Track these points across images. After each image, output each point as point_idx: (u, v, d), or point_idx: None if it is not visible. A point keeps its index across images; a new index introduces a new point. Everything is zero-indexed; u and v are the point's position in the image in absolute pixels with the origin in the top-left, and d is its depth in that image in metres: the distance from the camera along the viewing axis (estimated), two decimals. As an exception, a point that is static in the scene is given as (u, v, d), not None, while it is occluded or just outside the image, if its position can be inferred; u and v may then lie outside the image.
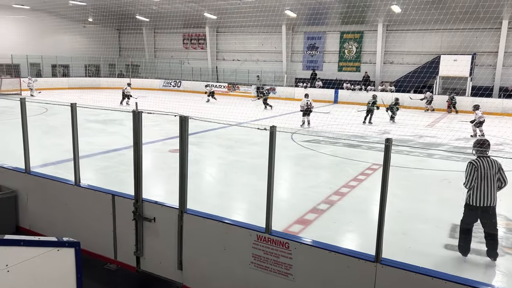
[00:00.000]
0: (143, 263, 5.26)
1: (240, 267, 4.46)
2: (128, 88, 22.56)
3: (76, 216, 5.77)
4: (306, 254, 4.11)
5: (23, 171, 6.23)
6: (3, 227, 6.25)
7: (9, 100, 17.92)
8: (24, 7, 30.05)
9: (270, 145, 4.19)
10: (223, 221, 4.58)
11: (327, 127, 16.46)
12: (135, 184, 5.05)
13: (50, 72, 33.62)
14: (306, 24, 30.53)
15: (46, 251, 2.72)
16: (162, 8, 29.58)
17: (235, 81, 32.97)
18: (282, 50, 32.09)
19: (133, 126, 4.90)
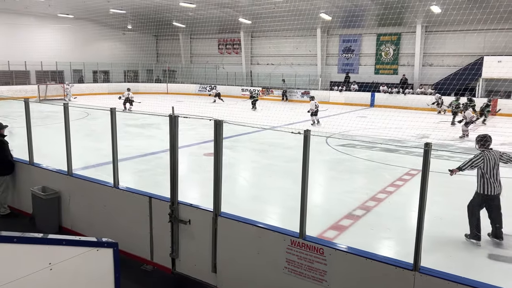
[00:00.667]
0: (178, 265, 5.33)
1: (274, 271, 4.44)
2: (130, 93, 22.85)
3: (114, 217, 5.95)
4: (341, 260, 4.03)
5: (66, 173, 6.49)
6: (47, 226, 6.54)
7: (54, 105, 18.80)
8: (68, 16, 31.50)
9: (304, 149, 4.16)
10: (257, 225, 4.58)
11: (363, 131, 16.16)
12: (171, 187, 5.15)
13: (91, 78, 35.00)
14: (342, 26, 30.16)
15: (86, 250, 2.81)
16: (198, 14, 30.14)
17: (269, 85, 33.02)
18: (317, 54, 31.85)
19: (169, 130, 5.00)
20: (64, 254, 2.66)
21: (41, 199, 6.52)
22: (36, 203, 6.70)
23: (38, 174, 7.03)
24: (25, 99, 7.17)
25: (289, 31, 30.54)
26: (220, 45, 37.62)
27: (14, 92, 26.46)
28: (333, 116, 20.95)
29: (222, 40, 37.21)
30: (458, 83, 23.36)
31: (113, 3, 26.95)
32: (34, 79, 30.88)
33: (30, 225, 6.82)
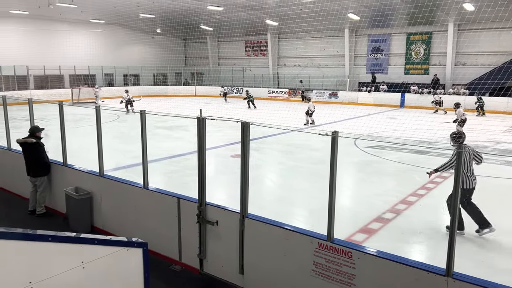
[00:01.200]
0: (206, 266, 5.37)
1: (301, 274, 4.40)
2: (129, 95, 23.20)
3: (144, 218, 6.06)
4: (370, 264, 3.95)
5: (98, 174, 6.67)
6: (80, 226, 6.74)
7: (86, 108, 19.36)
8: (100, 21, 32.45)
9: (332, 151, 4.11)
10: (284, 227, 4.55)
11: (393, 133, 15.83)
12: (199, 188, 5.20)
13: (122, 81, 35.90)
14: (370, 26, 29.70)
15: (117, 250, 2.88)
16: (225, 17, 30.40)
17: (296, 87, 32.90)
18: (345, 54, 31.49)
19: (197, 132, 5.05)
20: (96, 253, 2.73)
21: (74, 199, 6.73)
22: (69, 203, 6.91)
23: (72, 175, 7.25)
24: (60, 103, 7.42)
25: (317, 32, 30.31)
26: (247, 47, 37.80)
27: (49, 96, 27.49)
28: (362, 117, 20.63)
29: (249, 42, 37.38)
30: (493, 82, 22.53)
31: (142, 8, 27.56)
32: (68, 83, 31.97)
33: (64, 224, 7.05)
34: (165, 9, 28.14)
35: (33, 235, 2.42)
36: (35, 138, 7.46)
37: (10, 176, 8.68)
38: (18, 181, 8.19)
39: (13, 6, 26.27)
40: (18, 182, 8.20)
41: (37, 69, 29.47)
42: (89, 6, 26.85)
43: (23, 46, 28.51)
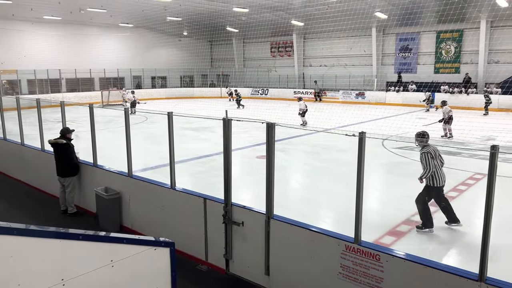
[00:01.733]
0: (232, 266, 5.39)
1: (328, 276, 4.35)
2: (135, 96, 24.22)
3: (171, 218, 6.14)
4: (399, 267, 3.86)
5: (126, 175, 6.81)
6: (109, 225, 6.90)
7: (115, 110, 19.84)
8: (128, 25, 33.20)
9: (359, 152, 4.05)
10: (310, 228, 4.52)
11: (422, 133, 15.40)
12: (224, 189, 5.23)
13: (150, 84, 36.60)
14: (398, 25, 29.10)
15: (144, 249, 2.92)
16: (251, 18, 30.49)
17: (322, 87, 32.62)
18: (372, 53, 31.00)
19: (223, 133, 5.08)
20: (124, 252, 2.78)
21: (104, 199, 6.90)
22: (99, 202, 7.09)
23: (101, 175, 7.44)
24: (90, 105, 7.63)
25: (343, 31, 29.98)
26: (273, 48, 37.78)
27: (80, 98, 28.32)
28: (389, 118, 20.25)
29: (274, 43, 37.35)
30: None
31: (169, 11, 28.00)
32: (97, 85, 32.86)
33: (94, 223, 7.24)
34: (191, 11, 28.50)
35: (65, 233, 2.49)
36: (65, 139, 7.70)
37: (44, 177, 8.99)
38: (51, 181, 8.47)
39: (47, 12, 27.25)
40: (51, 182, 8.48)
41: (69, 73, 30.44)
42: (118, 10, 27.52)
43: (55, 51, 29.52)
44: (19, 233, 2.24)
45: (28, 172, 9.75)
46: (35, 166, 9.42)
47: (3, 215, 7.79)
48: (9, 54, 27.99)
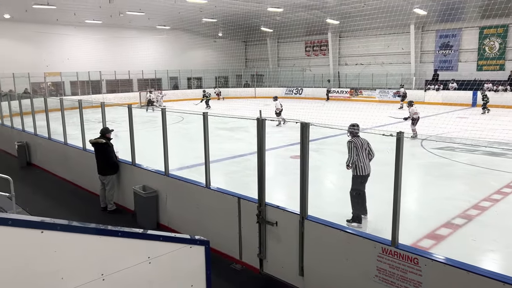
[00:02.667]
0: (266, 266, 5.40)
1: (364, 279, 4.27)
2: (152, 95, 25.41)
3: (206, 216, 6.23)
4: (438, 272, 3.73)
5: (163, 174, 6.96)
6: (147, 222, 7.08)
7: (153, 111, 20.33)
8: (165, 27, 33.96)
9: (396, 152, 3.94)
10: (346, 230, 4.45)
11: (464, 133, 14.84)
12: (258, 188, 5.24)
13: (185, 84, 37.27)
14: (438, 21, 28.11)
15: (180, 247, 2.97)
16: (285, 18, 30.40)
17: (358, 86, 32.04)
18: (410, 51, 30.11)
19: (257, 133, 5.09)
20: (161, 249, 2.84)
21: (142, 197, 7.09)
22: (137, 200, 7.29)
23: (139, 174, 7.65)
24: (129, 105, 7.85)
25: (380, 29, 29.29)
26: (307, 47, 37.49)
27: (119, 99, 29.26)
28: (429, 117, 19.60)
29: (309, 42, 37.06)
30: None
31: (205, 13, 28.40)
32: (136, 86, 33.82)
33: (132, 220, 7.45)
34: (226, 12, 28.77)
35: (104, 230, 2.57)
36: (105, 138, 7.97)
37: (85, 175, 9.34)
38: (92, 180, 8.80)
39: (89, 16, 28.35)
40: (92, 181, 8.81)
41: (109, 74, 31.52)
42: (155, 13, 28.22)
43: (96, 53, 30.66)
44: (62, 228, 2.34)
45: (71, 171, 10.17)
46: (77, 165, 9.81)
47: (49, 211, 8.17)
48: (54, 57, 29.35)
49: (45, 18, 27.29)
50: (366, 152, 6.78)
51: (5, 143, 14.49)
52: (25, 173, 11.63)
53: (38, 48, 29.03)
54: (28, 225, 2.21)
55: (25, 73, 26.71)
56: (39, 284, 2.27)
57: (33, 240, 2.22)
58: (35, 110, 11.97)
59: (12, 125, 13.90)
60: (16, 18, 26.92)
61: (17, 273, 2.18)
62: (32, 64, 27.84)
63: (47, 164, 11.53)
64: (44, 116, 10.97)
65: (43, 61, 28.80)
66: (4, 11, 25.35)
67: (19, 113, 13.15)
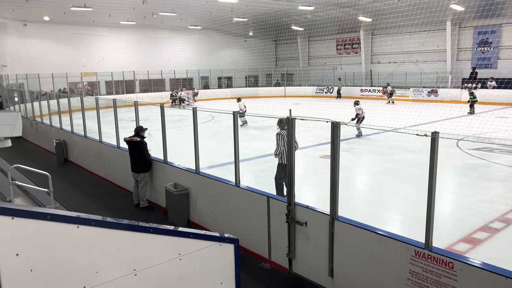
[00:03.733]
0: (295, 266, 5.37)
1: (396, 282, 4.17)
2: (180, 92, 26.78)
3: (235, 215, 6.26)
4: (475, 277, 3.59)
5: (194, 172, 7.06)
6: (177, 219, 7.20)
7: (184, 110, 20.64)
8: (196, 27, 34.39)
9: (431, 153, 3.82)
10: (377, 232, 4.35)
11: (503, 134, 14.23)
12: (287, 188, 5.22)
13: (216, 84, 37.62)
14: (477, 17, 27.03)
15: (210, 244, 3.00)
16: (316, 16, 30.11)
17: (391, 84, 31.33)
18: (446, 49, 29.13)
19: (287, 132, 5.07)
20: (191, 246, 2.87)
21: (173, 194, 7.21)
22: (168, 198, 7.43)
23: (171, 172, 7.78)
24: (161, 104, 8.00)
25: (414, 26, 28.50)
26: (339, 45, 37.00)
27: (152, 98, 29.89)
28: (465, 117, 18.94)
29: (340, 40, 36.56)
30: None
31: (236, 12, 28.54)
32: (168, 86, 34.44)
33: (163, 217, 7.60)
34: (257, 12, 28.81)
35: (137, 226, 2.63)
36: (139, 137, 8.16)
37: (119, 172, 9.61)
38: (125, 177, 9.03)
39: (123, 17, 29.12)
40: (125, 178, 9.04)
41: (142, 74, 32.26)
42: (187, 13, 28.62)
43: (130, 54, 31.45)
44: (97, 224, 2.41)
45: (105, 168, 10.48)
46: (111, 162, 10.10)
47: (85, 207, 8.46)
48: (90, 57, 30.34)
49: (82, 20, 28.26)
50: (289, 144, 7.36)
51: (44, 140, 15.12)
52: (62, 169, 12.09)
53: (75, 49, 30.08)
54: (65, 220, 2.29)
55: (63, 73, 27.75)
56: (75, 276, 2.35)
57: (70, 234, 2.30)
58: (72, 109, 12.41)
59: (50, 123, 14.47)
60: (55, 20, 28.01)
61: (55, 265, 2.27)
62: (69, 65, 28.90)
63: (83, 161, 11.93)
64: (80, 115, 11.35)
65: (79, 61, 29.83)
66: (44, 13, 26.42)
67: (57, 112, 13.67)
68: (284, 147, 7.28)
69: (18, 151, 14.21)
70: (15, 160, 11.00)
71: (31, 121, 16.69)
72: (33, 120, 16.69)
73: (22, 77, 24.97)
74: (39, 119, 15.90)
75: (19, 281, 2.14)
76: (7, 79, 23.59)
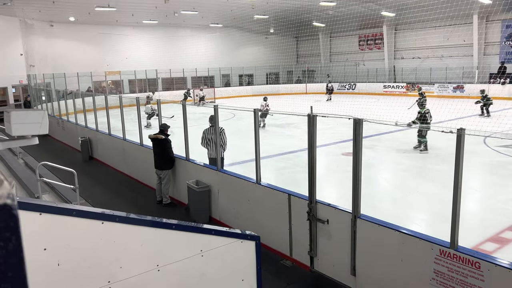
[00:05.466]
0: (316, 264, 5.34)
1: (420, 282, 4.09)
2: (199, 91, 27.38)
3: (256, 212, 6.27)
4: (502, 278, 3.49)
5: (215, 169, 7.10)
6: (199, 216, 7.27)
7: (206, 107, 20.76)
8: (218, 25, 34.54)
9: (457, 150, 3.73)
10: (400, 230, 4.28)
11: (533, 130, 13.76)
12: (309, 185, 5.18)
13: (237, 82, 37.71)
14: (505, 10, 26.15)
15: (232, 241, 3.02)
16: (338, 12, 29.75)
17: (415, 80, 30.69)
18: (473, 43, 28.31)
19: (308, 129, 5.04)
20: (213, 243, 2.89)
21: (195, 191, 7.28)
22: (190, 194, 7.50)
23: (193, 169, 7.86)
24: (183, 102, 8.08)
25: (439, 20, 27.81)
26: (361, 41, 36.49)
27: (174, 96, 30.22)
28: (493, 113, 18.39)
29: (363, 36, 36.04)
30: None
31: (257, 10, 28.50)
32: (190, 84, 34.73)
33: (186, 214, 7.68)
34: (278, 8, 28.69)
35: (160, 222, 2.67)
36: (164, 134, 8.26)
37: (142, 169, 9.76)
38: (148, 174, 9.17)
39: (145, 16, 29.52)
40: (148, 175, 9.18)
41: (164, 72, 32.64)
42: (208, 11, 28.77)
43: (153, 52, 31.85)
44: (121, 220, 2.46)
45: (129, 165, 10.67)
46: (135, 160, 10.27)
47: (109, 203, 8.64)
48: (113, 56, 30.90)
49: (106, 19, 28.79)
50: (215, 139, 7.78)
51: (70, 138, 15.51)
52: (87, 166, 12.37)
53: (99, 48, 30.69)
54: (90, 216, 2.35)
55: (87, 73, 28.36)
56: (100, 271, 2.40)
57: (95, 230, 2.36)
58: (97, 108, 12.68)
59: (76, 121, 14.83)
60: (80, 21, 28.64)
61: (80, 260, 2.32)
62: (94, 64, 29.50)
63: (107, 159, 12.18)
64: (104, 113, 11.58)
65: (103, 60, 30.42)
66: (70, 14, 27.05)
67: (83, 110, 14.00)
68: (209, 144, 8.12)
69: (45, 148, 14.62)
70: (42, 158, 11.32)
71: (58, 120, 17.14)
72: (59, 118, 17.13)
73: (49, 76, 25.64)
74: (65, 117, 16.31)
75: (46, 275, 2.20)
76: (34, 79, 24.27)
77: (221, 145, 7.67)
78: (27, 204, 2.10)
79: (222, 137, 7.81)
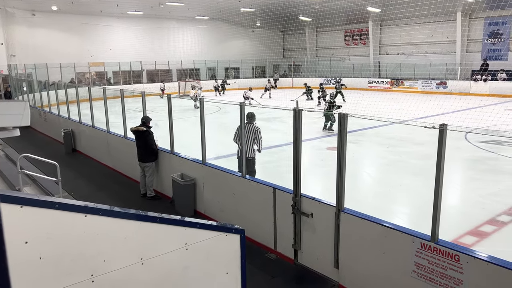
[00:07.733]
0: (300, 257, 5.39)
1: (401, 274, 4.17)
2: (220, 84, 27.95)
3: (241, 205, 6.29)
4: (481, 270, 3.58)
5: (201, 162, 7.08)
6: (184, 209, 7.25)
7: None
8: (204, 17, 34.24)
9: (439, 145, 3.79)
10: (383, 224, 4.35)
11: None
12: (294, 179, 5.22)
13: (223, 75, 37.53)
14: (488, 8, 26.58)
15: (216, 235, 3.02)
16: (324, 7, 29.81)
17: (399, 76, 31.02)
18: (456, 40, 28.75)
19: (293, 124, 5.06)
20: (197, 236, 2.89)
21: (180, 185, 7.25)
22: (175, 188, 7.47)
23: (177, 162, 7.82)
24: (168, 95, 8.01)
25: (423, 17, 28.15)
26: (347, 36, 36.67)
27: (158, 89, 29.91)
28: (474, 109, 18.74)
29: (348, 31, 36.22)
30: None
31: (243, 2, 28.35)
32: (175, 76, 34.42)
33: (170, 207, 7.65)
34: (264, 2, 28.60)
35: (144, 216, 2.65)
36: (146, 127, 8.19)
37: (126, 162, 9.67)
38: (132, 166, 9.09)
39: (130, 7, 29.06)
40: (132, 167, 9.10)
41: (149, 64, 32.27)
42: (194, 3, 28.48)
43: (137, 44, 31.41)
44: (104, 213, 2.43)
45: (113, 158, 10.55)
46: (119, 152, 10.16)
47: (92, 196, 8.54)
48: (97, 47, 30.38)
49: (90, 9, 28.23)
50: (252, 139, 7.72)
51: (52, 130, 15.24)
52: (70, 159, 12.19)
53: (83, 39, 30.12)
54: (73, 209, 2.31)
55: (71, 63, 27.83)
56: (83, 265, 2.38)
57: (78, 223, 2.33)
58: (80, 99, 12.47)
59: (59, 113, 14.57)
60: (63, 10, 28.02)
61: (63, 253, 2.30)
62: (77, 55, 28.96)
63: (90, 151, 12.02)
64: (88, 105, 11.41)
65: (87, 51, 29.88)
66: (52, 3, 26.43)
67: (65, 102, 13.75)
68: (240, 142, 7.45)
69: (26, 140, 14.34)
70: (23, 150, 11.11)
71: (40, 111, 16.82)
72: (41, 109, 16.81)
73: (31, 66, 25.07)
74: (47, 108, 16.01)
75: (28, 268, 2.17)
76: (15, 69, 23.70)
77: (256, 144, 7.64)
78: (8, 196, 2.06)
79: (257, 136, 7.69)
